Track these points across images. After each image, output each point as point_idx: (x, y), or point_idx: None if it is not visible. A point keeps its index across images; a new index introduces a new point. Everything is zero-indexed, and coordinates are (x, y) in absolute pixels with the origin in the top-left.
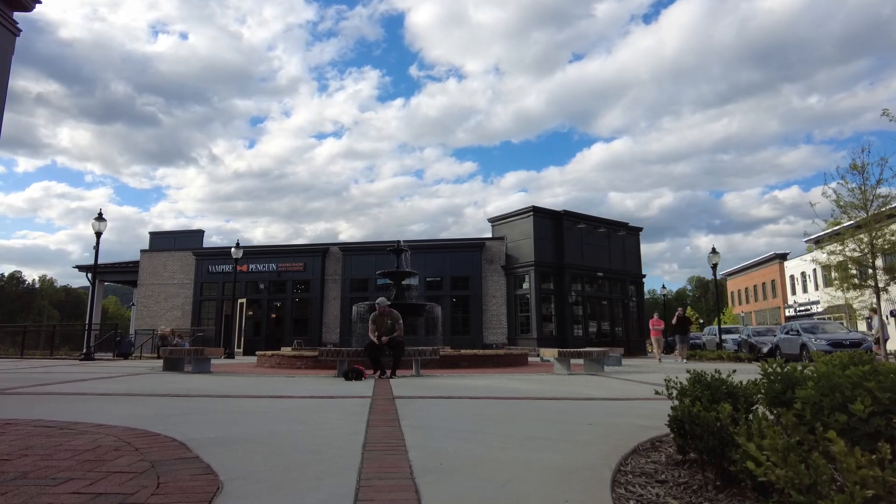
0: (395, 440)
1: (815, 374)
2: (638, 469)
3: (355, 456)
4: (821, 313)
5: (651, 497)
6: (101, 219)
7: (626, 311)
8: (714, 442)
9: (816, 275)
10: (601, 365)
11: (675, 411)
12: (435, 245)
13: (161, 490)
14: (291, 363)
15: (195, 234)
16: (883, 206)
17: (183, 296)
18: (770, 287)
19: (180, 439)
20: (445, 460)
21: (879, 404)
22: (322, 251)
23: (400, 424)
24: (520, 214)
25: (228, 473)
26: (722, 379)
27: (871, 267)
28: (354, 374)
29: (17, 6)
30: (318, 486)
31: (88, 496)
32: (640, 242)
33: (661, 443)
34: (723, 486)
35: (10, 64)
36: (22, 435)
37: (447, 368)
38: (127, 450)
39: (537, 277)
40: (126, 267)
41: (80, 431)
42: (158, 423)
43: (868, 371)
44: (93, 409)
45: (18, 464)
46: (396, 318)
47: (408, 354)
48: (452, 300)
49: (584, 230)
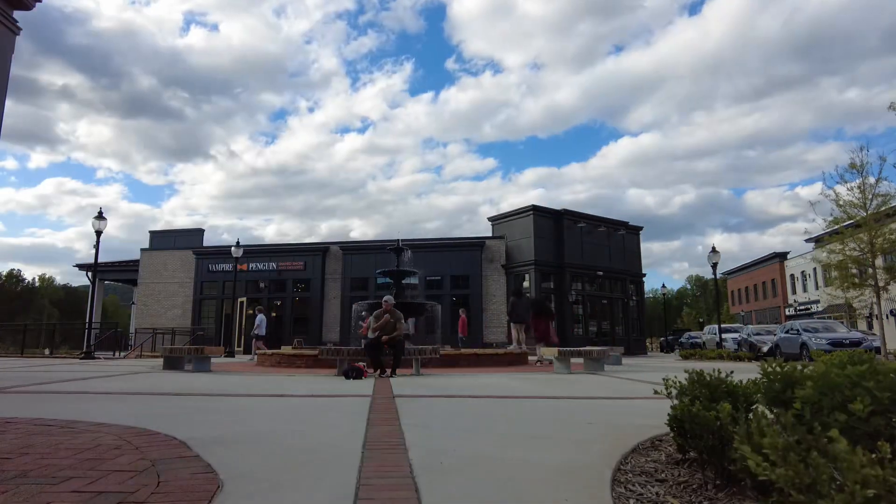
0: (395, 439)
1: (814, 374)
2: (638, 468)
3: (355, 455)
4: (821, 313)
5: (651, 496)
6: (101, 217)
7: (627, 311)
8: (714, 441)
9: (816, 274)
10: (601, 364)
11: (674, 410)
12: (435, 244)
13: (161, 489)
14: (291, 362)
15: (195, 232)
16: (882, 205)
17: (183, 295)
18: (770, 286)
19: (180, 438)
20: (445, 459)
21: (879, 403)
22: (322, 250)
23: (400, 423)
24: (520, 213)
25: (228, 472)
26: (721, 378)
27: (871, 266)
28: (354, 373)
29: (17, 5)
30: (318, 485)
31: (89, 495)
32: (641, 241)
33: (660, 442)
34: (722, 485)
35: (10, 63)
36: (22, 434)
37: (447, 367)
38: (127, 448)
39: (537, 276)
40: (126, 266)
41: (80, 430)
42: (158, 422)
43: (867, 370)
44: (93, 407)
45: (19, 462)
46: (398, 317)
47: (408, 353)
48: (453, 299)
49: (584, 229)
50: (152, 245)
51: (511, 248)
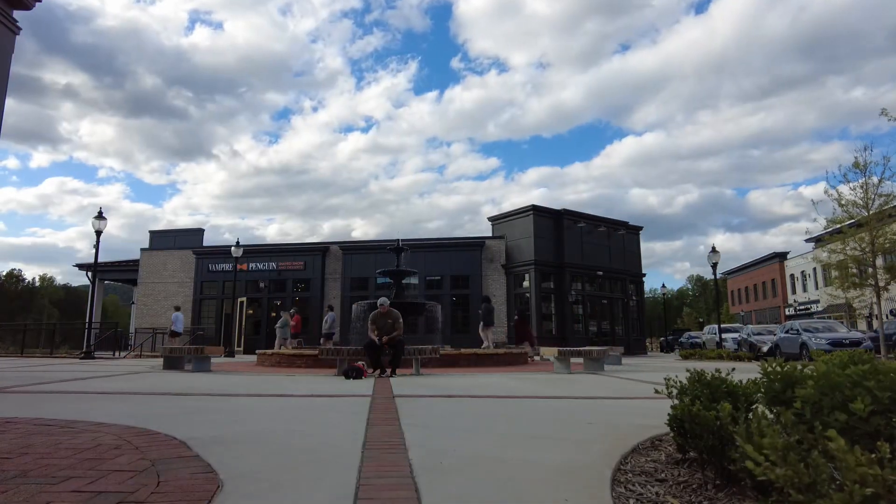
0: (395, 439)
1: (814, 374)
2: (638, 468)
3: (355, 455)
4: (821, 312)
5: (651, 496)
6: (101, 217)
7: (626, 310)
8: (714, 441)
9: (817, 274)
10: (601, 364)
11: (674, 410)
12: (435, 244)
13: (161, 489)
14: (291, 362)
15: (195, 232)
16: (885, 205)
17: (183, 294)
18: (770, 286)
19: (180, 438)
20: (445, 459)
21: (879, 403)
22: (322, 250)
23: (400, 423)
24: (520, 213)
25: (228, 472)
26: (722, 378)
27: (872, 266)
28: (354, 373)
29: (17, 5)
30: (318, 485)
31: (89, 494)
32: (644, 241)
33: (660, 442)
34: (722, 485)
35: (10, 63)
36: (22, 433)
37: (447, 367)
38: (127, 448)
39: (537, 276)
40: (126, 265)
41: (80, 430)
42: (158, 422)
43: (868, 370)
44: (93, 407)
45: (19, 462)
46: (396, 317)
47: (408, 353)
48: (452, 299)
49: (584, 229)
50: (152, 245)
51: (511, 247)
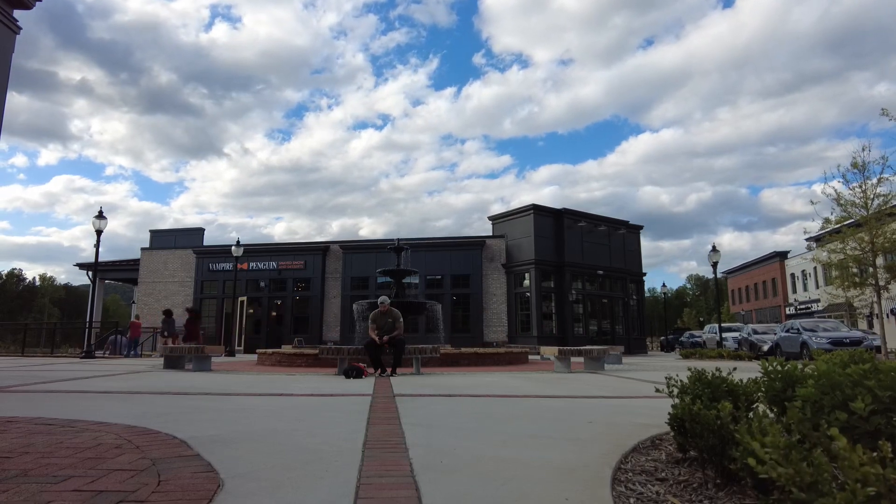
0: (396, 438)
1: (815, 373)
2: (638, 467)
3: (356, 454)
4: (821, 312)
5: (651, 495)
6: (101, 217)
7: (627, 310)
8: (714, 440)
9: (817, 273)
10: (601, 363)
11: (675, 409)
12: (436, 243)
13: (162, 488)
14: (292, 361)
15: (196, 231)
16: (884, 204)
17: (183, 294)
18: (770, 286)
19: (181, 437)
20: (446, 458)
21: (880, 402)
22: (322, 249)
23: (400, 423)
24: (520, 212)
25: (229, 471)
26: (723, 377)
27: (872, 265)
28: (355, 373)
29: (17, 4)
30: (319, 485)
31: (89, 493)
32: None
33: (661, 441)
34: (723, 484)
35: (11, 62)
36: (23, 433)
37: (447, 366)
38: (128, 448)
39: (538, 275)
40: (127, 265)
41: (80, 429)
42: (159, 421)
43: (868, 369)
44: (93, 406)
45: (20, 461)
46: (397, 316)
47: (408, 353)
48: (453, 298)
49: (584, 228)
50: (153, 244)
51: (511, 247)
